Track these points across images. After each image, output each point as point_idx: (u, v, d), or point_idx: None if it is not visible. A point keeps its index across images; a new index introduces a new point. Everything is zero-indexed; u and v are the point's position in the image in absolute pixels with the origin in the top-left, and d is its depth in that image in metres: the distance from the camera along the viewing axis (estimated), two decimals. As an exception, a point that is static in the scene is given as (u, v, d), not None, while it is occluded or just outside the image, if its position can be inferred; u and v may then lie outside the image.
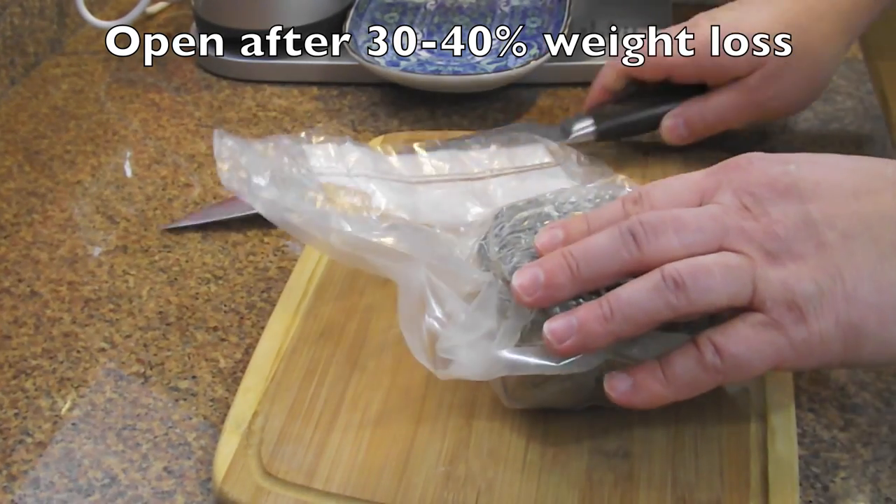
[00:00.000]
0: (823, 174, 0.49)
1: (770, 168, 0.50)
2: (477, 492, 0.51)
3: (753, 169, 0.50)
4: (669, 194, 0.51)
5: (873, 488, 0.53)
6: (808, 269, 0.47)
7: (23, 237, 0.73)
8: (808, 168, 0.49)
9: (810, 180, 0.49)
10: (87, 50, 0.98)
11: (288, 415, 0.55)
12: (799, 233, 0.47)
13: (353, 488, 0.51)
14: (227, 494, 0.52)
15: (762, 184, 0.49)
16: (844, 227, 0.47)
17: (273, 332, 0.61)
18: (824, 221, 0.47)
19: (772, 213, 0.48)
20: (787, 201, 0.48)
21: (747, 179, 0.49)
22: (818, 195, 0.48)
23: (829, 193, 0.48)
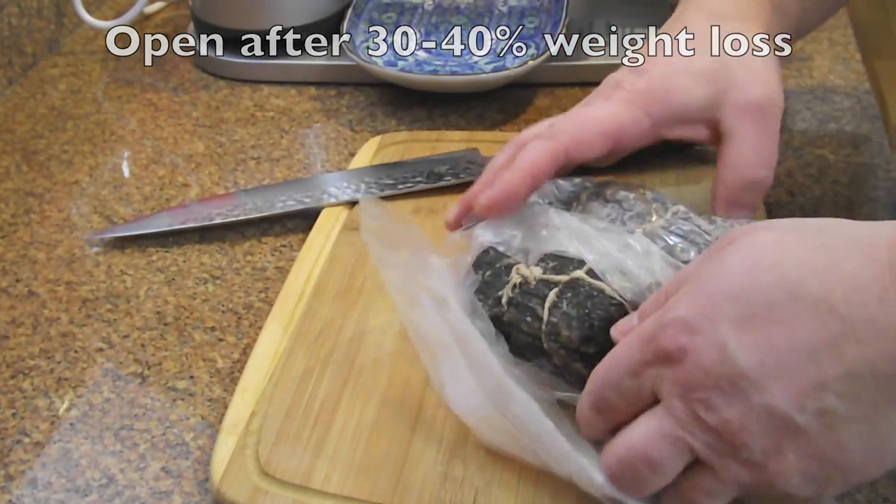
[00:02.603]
0: (766, 347, 0.42)
1: (707, 360, 0.43)
2: (474, 492, 0.51)
3: (689, 365, 0.43)
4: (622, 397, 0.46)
5: (871, 488, 0.53)
6: (794, 466, 0.42)
7: (20, 237, 0.73)
8: (748, 344, 0.42)
9: (754, 363, 0.42)
10: (84, 50, 0.98)
11: (285, 415, 0.55)
12: (768, 432, 0.42)
13: (350, 488, 0.51)
14: (225, 494, 0.52)
15: (705, 385, 0.43)
16: (815, 406, 0.41)
17: (271, 332, 0.61)
18: (790, 407, 0.41)
19: (731, 421, 0.42)
20: (740, 399, 0.42)
21: (689, 382, 0.43)
22: (769, 378, 0.41)
23: (782, 371, 0.41)
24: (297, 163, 0.80)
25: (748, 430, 0.42)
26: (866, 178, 0.76)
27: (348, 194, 0.72)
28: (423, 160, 0.75)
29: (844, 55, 0.91)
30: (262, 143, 0.83)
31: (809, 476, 0.42)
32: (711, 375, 0.42)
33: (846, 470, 0.42)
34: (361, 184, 0.73)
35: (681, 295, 0.45)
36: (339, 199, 0.72)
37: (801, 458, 0.42)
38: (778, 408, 0.41)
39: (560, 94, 0.87)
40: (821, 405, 0.41)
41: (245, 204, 0.73)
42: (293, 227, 0.73)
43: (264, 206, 0.73)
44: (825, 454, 0.42)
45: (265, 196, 0.74)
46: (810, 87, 0.86)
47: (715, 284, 0.44)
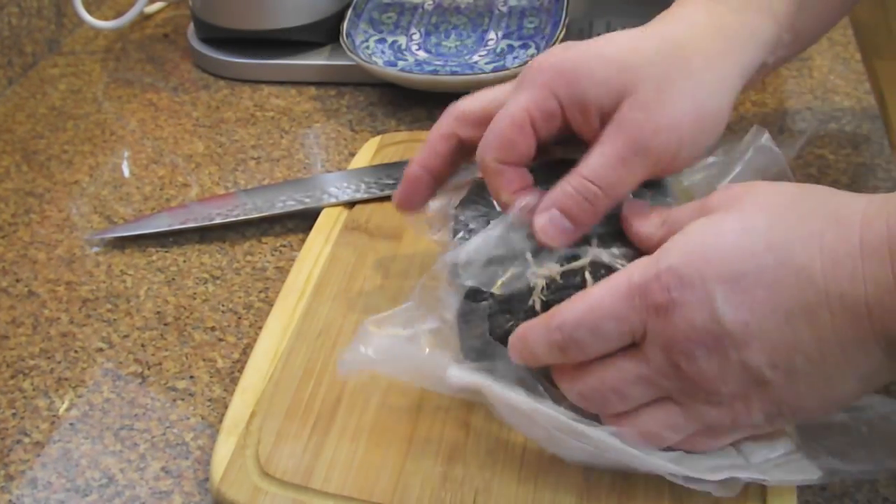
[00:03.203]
0: (750, 307, 0.45)
1: (695, 317, 0.45)
2: (474, 492, 0.51)
3: (677, 319, 0.46)
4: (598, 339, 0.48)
5: (871, 488, 0.53)
6: (756, 407, 0.47)
7: (20, 237, 0.73)
8: (735, 304, 0.45)
9: (739, 323, 0.45)
10: (84, 50, 0.98)
11: (285, 415, 0.55)
12: (739, 382, 0.46)
13: (350, 488, 0.51)
14: (225, 494, 0.52)
15: (690, 340, 0.46)
16: (785, 364, 0.45)
17: (271, 331, 0.61)
18: (763, 364, 0.45)
19: (707, 371, 0.46)
20: (720, 354, 0.46)
21: (674, 336, 0.46)
22: (750, 337, 0.45)
23: (761, 332, 0.45)
24: (297, 163, 0.80)
25: (722, 380, 0.46)
26: (866, 178, 0.76)
27: (348, 194, 0.72)
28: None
29: (844, 55, 0.91)
30: (262, 143, 0.83)
31: (767, 415, 0.47)
32: (697, 330, 0.45)
33: (799, 411, 0.47)
34: (361, 184, 0.73)
35: (674, 245, 0.47)
36: (339, 199, 0.72)
37: (763, 402, 0.47)
38: (752, 363, 0.45)
39: (560, 94, 0.87)
40: (790, 364, 0.45)
41: (245, 204, 0.73)
42: (293, 227, 0.73)
43: (264, 206, 0.73)
44: (785, 400, 0.47)
45: (265, 196, 0.74)
46: (810, 87, 0.86)
47: (709, 241, 0.46)
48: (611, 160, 0.52)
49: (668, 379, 0.47)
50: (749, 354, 0.45)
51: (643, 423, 0.49)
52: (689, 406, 0.48)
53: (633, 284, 0.47)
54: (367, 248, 0.67)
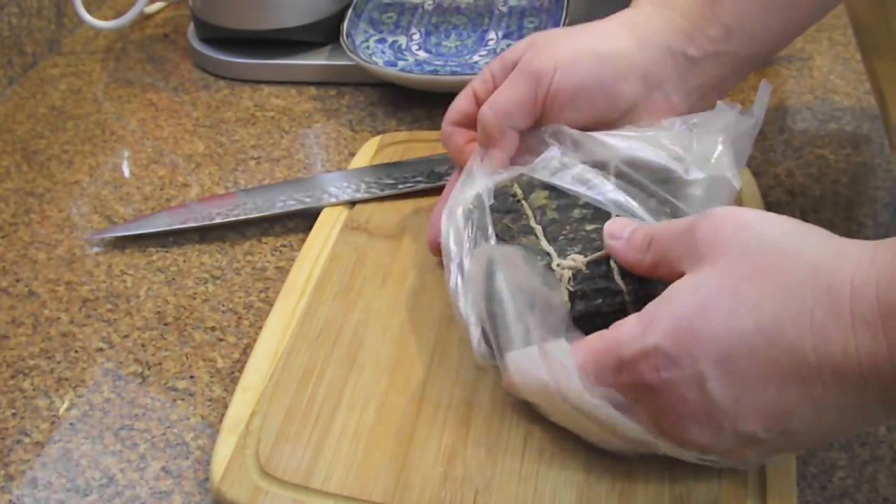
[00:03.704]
0: (742, 386, 0.45)
1: (686, 395, 0.46)
2: (475, 491, 0.51)
3: (667, 396, 0.46)
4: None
5: (871, 488, 0.53)
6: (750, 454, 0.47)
7: (20, 237, 0.73)
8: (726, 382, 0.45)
9: (731, 399, 0.45)
10: (84, 50, 0.98)
11: (286, 414, 0.55)
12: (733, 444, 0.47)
13: (350, 488, 0.51)
14: (225, 494, 0.52)
15: (682, 415, 0.46)
16: (780, 427, 0.45)
17: (271, 331, 0.61)
18: (757, 429, 0.46)
19: (699, 438, 0.47)
20: (713, 426, 0.46)
21: (664, 410, 0.47)
22: (743, 410, 0.45)
23: (754, 404, 0.45)
24: (297, 163, 0.80)
25: (716, 444, 0.47)
26: (866, 178, 0.76)
27: (348, 194, 0.72)
28: (424, 160, 0.75)
29: (844, 55, 0.91)
30: (263, 143, 0.83)
31: (764, 456, 0.48)
32: (688, 406, 0.46)
33: (797, 450, 0.50)
34: (362, 183, 0.73)
35: (660, 317, 0.46)
36: (340, 199, 0.72)
37: (759, 453, 0.48)
38: (746, 431, 0.46)
39: (560, 93, 0.87)
40: (785, 427, 0.46)
41: (245, 203, 0.73)
42: (293, 227, 0.73)
43: (264, 206, 0.73)
44: (782, 449, 0.48)
45: (265, 196, 0.74)
46: (810, 87, 0.86)
47: (697, 319, 0.45)
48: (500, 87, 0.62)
49: (661, 437, 0.48)
50: (742, 425, 0.46)
51: None
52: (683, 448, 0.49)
53: (619, 356, 0.47)
54: (368, 248, 0.67)
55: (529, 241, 0.56)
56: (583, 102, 0.61)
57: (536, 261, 0.54)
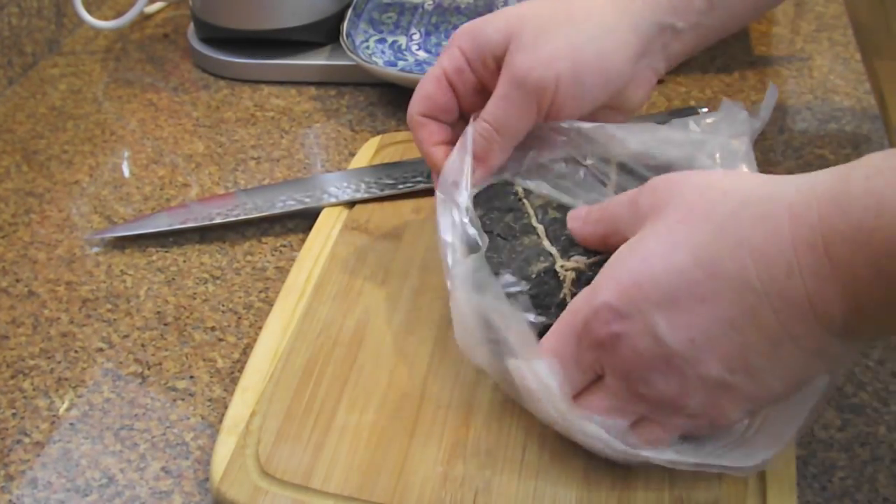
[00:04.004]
0: (692, 324, 0.45)
1: (640, 344, 0.46)
2: (475, 492, 0.51)
3: (623, 350, 0.47)
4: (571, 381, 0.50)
5: (871, 488, 0.53)
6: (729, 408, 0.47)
7: (20, 237, 0.73)
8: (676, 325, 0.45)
9: (684, 341, 0.45)
10: (84, 50, 0.98)
11: (286, 415, 0.55)
12: (704, 393, 0.47)
13: (350, 488, 0.51)
14: (225, 494, 0.52)
15: (642, 367, 0.47)
16: (742, 366, 0.46)
17: (271, 332, 0.61)
18: (721, 371, 0.46)
19: (668, 391, 0.47)
20: (676, 373, 0.46)
21: (626, 365, 0.47)
22: (700, 352, 0.45)
23: (709, 344, 0.45)
24: (297, 163, 0.80)
25: (687, 395, 0.47)
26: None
27: (348, 194, 0.72)
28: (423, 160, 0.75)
29: (844, 55, 0.91)
30: (263, 143, 0.83)
31: (742, 410, 0.48)
32: (645, 358, 0.46)
33: (771, 398, 0.48)
34: (361, 184, 0.73)
35: (605, 277, 0.48)
36: (339, 199, 0.72)
37: (734, 402, 0.47)
38: (710, 374, 0.46)
39: (560, 94, 0.87)
40: (747, 364, 0.45)
41: (245, 204, 0.73)
42: (293, 227, 0.73)
43: (264, 206, 0.73)
44: (754, 394, 0.47)
45: (265, 196, 0.74)
46: (810, 87, 0.86)
47: (637, 269, 0.46)
48: (497, 99, 0.59)
49: (636, 404, 0.48)
50: (704, 368, 0.46)
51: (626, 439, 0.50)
52: (666, 422, 0.49)
53: (576, 326, 0.48)
54: (367, 248, 0.67)
55: (531, 240, 0.56)
56: (586, 103, 0.60)
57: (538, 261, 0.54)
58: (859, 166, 0.43)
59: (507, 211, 0.58)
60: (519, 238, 0.56)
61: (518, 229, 0.57)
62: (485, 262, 0.54)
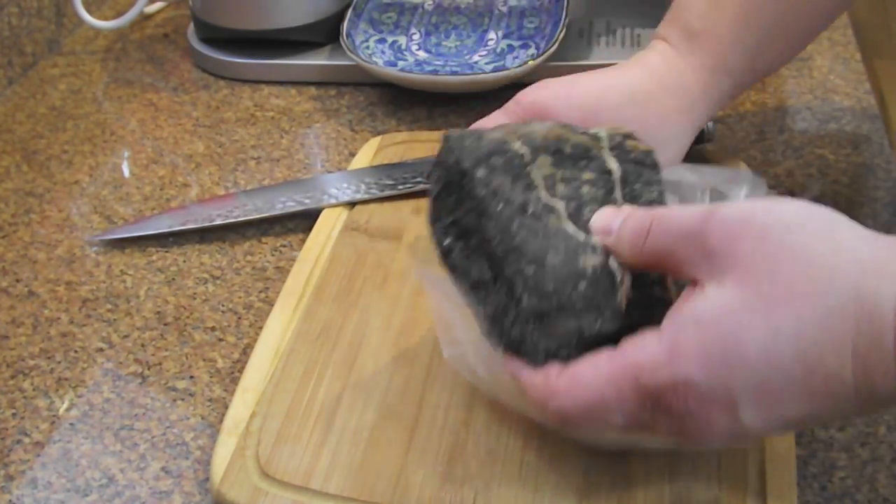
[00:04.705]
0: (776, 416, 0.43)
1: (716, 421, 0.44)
2: (474, 492, 0.51)
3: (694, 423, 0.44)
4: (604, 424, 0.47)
5: (871, 488, 0.53)
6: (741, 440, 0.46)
7: (20, 237, 0.73)
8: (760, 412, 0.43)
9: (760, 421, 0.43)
10: (84, 50, 0.98)
11: (286, 416, 0.55)
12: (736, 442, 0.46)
13: (350, 489, 0.51)
14: (225, 495, 0.52)
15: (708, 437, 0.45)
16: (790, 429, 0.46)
17: (271, 332, 0.61)
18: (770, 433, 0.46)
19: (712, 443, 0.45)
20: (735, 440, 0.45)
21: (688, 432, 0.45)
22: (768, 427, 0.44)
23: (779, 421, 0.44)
24: (297, 163, 0.80)
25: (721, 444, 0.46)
26: (866, 178, 0.76)
27: (348, 195, 0.72)
28: (424, 160, 0.75)
29: (844, 55, 0.91)
30: (263, 143, 0.83)
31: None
32: (715, 429, 0.44)
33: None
34: (362, 184, 0.73)
35: (688, 343, 0.43)
36: (339, 200, 0.72)
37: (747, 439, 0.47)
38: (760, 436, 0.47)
39: (560, 94, 0.87)
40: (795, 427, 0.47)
41: (245, 205, 0.73)
42: (293, 227, 0.73)
43: (264, 207, 0.73)
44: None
45: (265, 197, 0.74)
46: (810, 87, 0.86)
47: (730, 348, 0.42)
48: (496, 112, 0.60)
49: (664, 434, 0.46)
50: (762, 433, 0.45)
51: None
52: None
53: (643, 386, 0.44)
54: (367, 249, 0.67)
55: (552, 222, 0.47)
56: None
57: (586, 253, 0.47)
58: None
59: (514, 178, 0.49)
60: (541, 219, 0.47)
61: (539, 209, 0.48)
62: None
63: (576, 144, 0.51)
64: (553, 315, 0.46)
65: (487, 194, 0.48)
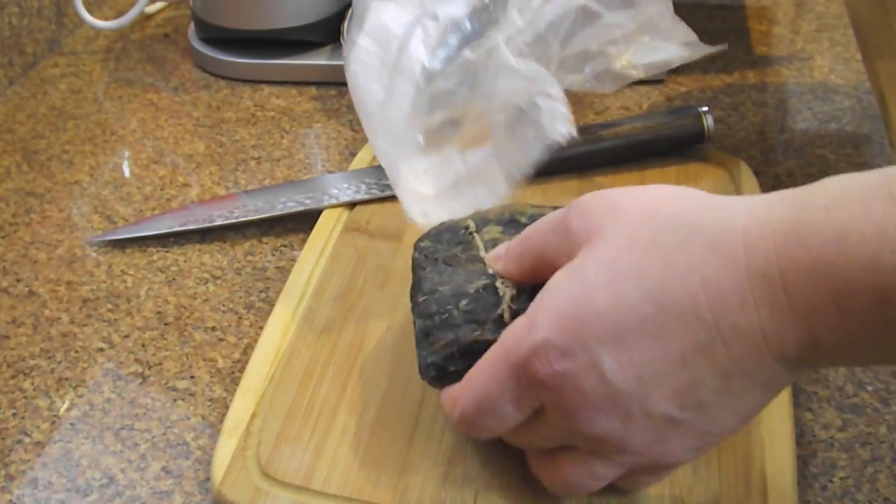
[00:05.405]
0: (640, 361, 0.42)
1: (584, 384, 0.43)
2: (475, 493, 0.51)
3: (567, 389, 0.44)
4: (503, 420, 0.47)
5: (871, 488, 0.53)
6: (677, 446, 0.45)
7: (21, 237, 0.73)
8: (623, 362, 0.42)
9: (632, 379, 0.42)
10: (85, 50, 0.98)
11: (286, 416, 0.55)
12: (650, 431, 0.44)
13: (351, 489, 0.51)
14: (226, 496, 0.52)
15: (586, 407, 0.44)
16: (693, 401, 0.43)
17: (272, 332, 0.61)
18: (669, 408, 0.43)
19: (612, 430, 0.44)
20: (621, 412, 0.43)
21: (568, 405, 0.44)
22: (648, 389, 0.43)
23: (658, 383, 0.42)
24: (297, 163, 0.80)
25: (631, 435, 0.44)
26: (867, 179, 0.76)
27: (349, 195, 0.72)
28: None
29: (845, 55, 0.91)
30: (263, 143, 0.83)
31: (691, 448, 0.45)
32: (589, 397, 0.43)
33: (719, 434, 0.45)
34: (362, 184, 0.73)
35: (542, 309, 0.44)
36: (340, 200, 0.72)
37: (682, 439, 0.44)
38: (659, 411, 0.43)
39: (560, 94, 0.87)
40: (697, 400, 0.43)
41: (246, 205, 0.73)
42: (294, 228, 0.73)
43: (265, 208, 0.73)
44: (703, 431, 0.44)
45: (266, 197, 0.74)
46: (811, 87, 0.86)
47: (579, 301, 0.43)
48: None
49: (577, 440, 0.46)
50: (652, 405, 0.43)
51: (564, 474, 0.48)
52: (607, 458, 0.46)
53: (512, 363, 0.45)
54: (368, 249, 0.67)
55: (477, 267, 0.53)
56: None
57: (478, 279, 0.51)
58: (817, 194, 0.41)
59: (455, 244, 0.55)
60: (463, 265, 0.53)
61: (464, 259, 0.54)
62: None
63: (532, 216, 0.55)
64: (434, 332, 0.51)
65: (419, 257, 0.55)
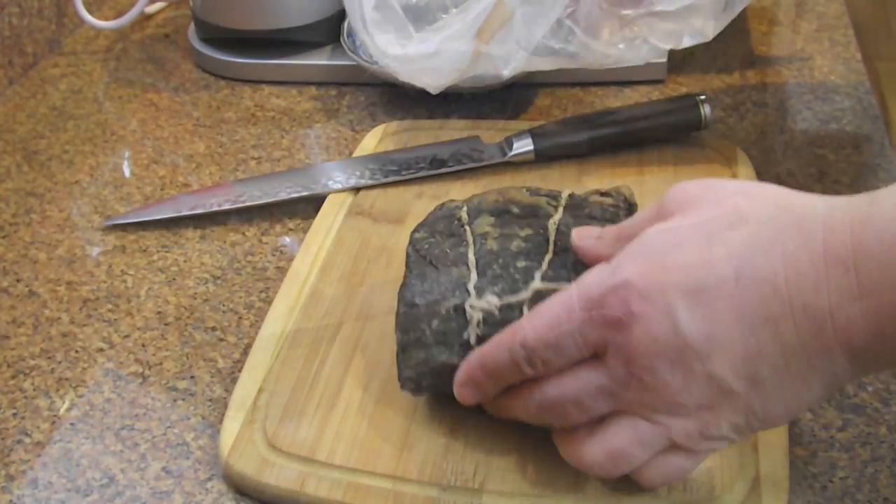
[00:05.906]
0: (712, 320, 0.44)
1: (656, 330, 0.44)
2: (475, 464, 0.52)
3: (637, 332, 0.44)
4: (560, 355, 0.47)
5: (872, 488, 0.53)
6: (722, 415, 0.45)
7: (21, 237, 0.73)
8: (697, 316, 0.44)
9: (702, 335, 0.44)
10: (85, 50, 0.98)
11: (292, 391, 0.57)
12: (704, 393, 0.45)
13: (354, 460, 0.52)
14: (234, 467, 0.53)
15: (652, 354, 0.44)
16: (750, 373, 0.44)
17: (278, 311, 0.62)
18: (728, 374, 0.44)
19: (671, 383, 0.45)
20: (684, 366, 0.44)
21: (635, 349, 0.45)
22: (714, 349, 0.44)
23: (725, 345, 0.44)
24: (297, 162, 0.80)
25: (687, 392, 0.45)
26: (867, 178, 0.76)
27: (353, 180, 0.73)
28: (426, 147, 0.77)
29: (845, 55, 0.91)
30: (263, 143, 0.83)
31: (734, 426, 0.46)
32: (658, 344, 0.44)
33: (766, 420, 0.46)
34: (366, 170, 0.74)
35: (629, 254, 0.46)
36: (344, 186, 0.73)
37: (729, 412, 0.45)
38: (716, 374, 0.44)
39: (560, 93, 0.87)
40: (755, 373, 0.44)
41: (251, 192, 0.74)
42: (294, 228, 0.73)
43: (270, 192, 0.74)
44: (751, 409, 0.45)
45: (270, 184, 0.75)
46: (811, 87, 0.86)
47: (668, 252, 0.45)
48: None
49: (630, 390, 0.46)
50: (713, 366, 0.44)
51: (610, 439, 0.47)
52: (655, 419, 0.46)
53: (589, 298, 0.46)
54: (371, 232, 0.68)
55: (461, 272, 0.53)
56: None
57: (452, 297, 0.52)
58: (887, 195, 0.43)
59: (448, 236, 0.56)
60: (448, 268, 0.54)
61: (451, 259, 0.54)
62: None
63: (525, 206, 0.57)
64: (409, 348, 0.53)
65: (411, 252, 0.56)
